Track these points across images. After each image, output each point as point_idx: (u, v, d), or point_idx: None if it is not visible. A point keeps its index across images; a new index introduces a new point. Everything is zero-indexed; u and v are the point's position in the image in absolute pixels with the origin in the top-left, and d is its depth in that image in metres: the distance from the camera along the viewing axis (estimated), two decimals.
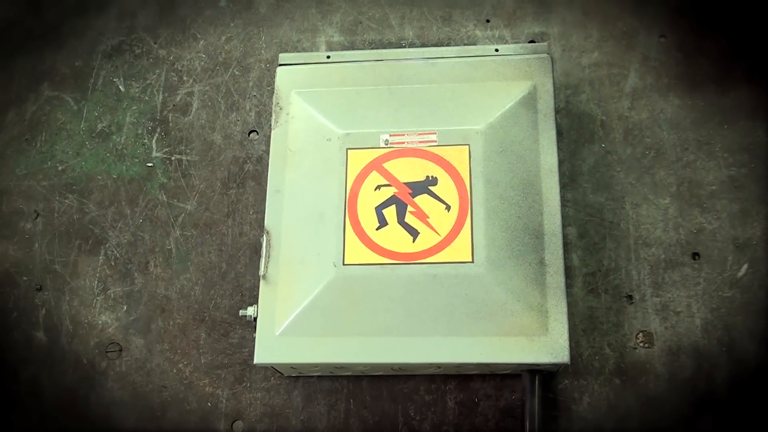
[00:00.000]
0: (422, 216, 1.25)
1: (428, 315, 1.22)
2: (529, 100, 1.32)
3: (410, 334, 1.21)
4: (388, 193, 1.28)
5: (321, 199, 1.28)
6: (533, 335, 1.20)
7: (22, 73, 1.64)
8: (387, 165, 1.29)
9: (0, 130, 1.60)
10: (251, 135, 1.54)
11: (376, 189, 1.28)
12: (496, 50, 1.38)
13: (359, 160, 1.29)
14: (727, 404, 1.29)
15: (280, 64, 1.41)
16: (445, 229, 1.24)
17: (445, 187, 1.26)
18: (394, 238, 1.25)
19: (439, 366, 1.27)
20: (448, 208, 1.25)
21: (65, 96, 1.62)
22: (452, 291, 1.21)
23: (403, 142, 1.30)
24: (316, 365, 1.27)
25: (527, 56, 1.36)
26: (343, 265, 1.23)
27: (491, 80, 1.34)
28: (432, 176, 1.27)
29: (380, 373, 1.35)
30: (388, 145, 1.30)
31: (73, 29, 1.66)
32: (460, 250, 1.22)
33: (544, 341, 1.20)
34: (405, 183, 1.28)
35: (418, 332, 1.21)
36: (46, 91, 1.62)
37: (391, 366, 1.28)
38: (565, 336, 1.20)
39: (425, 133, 1.30)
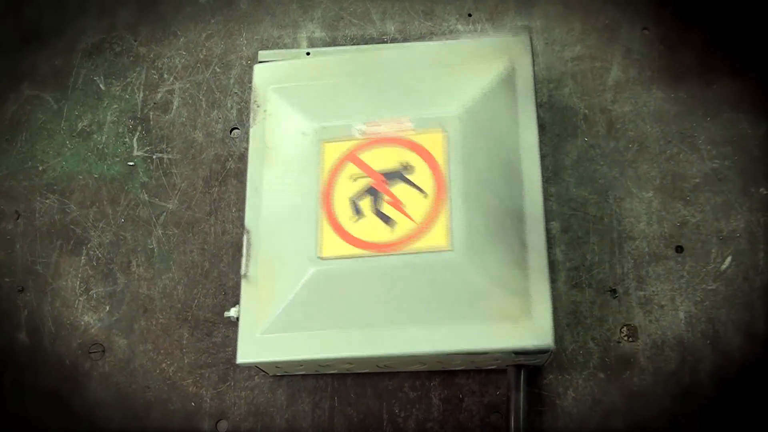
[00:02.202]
0: (398, 204, 1.23)
1: (409, 305, 1.19)
2: (507, 80, 1.28)
3: (392, 325, 1.19)
4: (363, 183, 1.26)
5: (297, 194, 1.27)
6: (516, 319, 1.16)
7: (1, 73, 1.62)
8: (362, 155, 1.26)
9: None
10: (233, 132, 1.53)
11: (351, 180, 1.25)
12: None
13: (334, 152, 1.27)
14: (712, 397, 1.29)
15: (259, 62, 1.39)
16: (421, 217, 1.22)
17: (422, 174, 1.24)
18: (370, 228, 1.22)
19: (423, 362, 1.27)
20: (424, 195, 1.23)
21: (45, 95, 1.60)
22: (432, 279, 1.18)
23: (379, 132, 1.28)
24: (300, 363, 1.26)
25: (505, 37, 1.33)
26: (321, 259, 1.21)
27: (468, 62, 1.31)
28: (408, 164, 1.25)
29: (365, 371, 1.34)
30: (363, 135, 1.28)
31: (52, 28, 1.65)
32: (437, 237, 1.19)
33: (527, 325, 1.16)
34: (380, 172, 1.25)
35: (400, 323, 1.19)
36: (26, 90, 1.61)
37: (376, 362, 1.27)
38: (549, 318, 1.16)
39: (400, 121, 1.28)
